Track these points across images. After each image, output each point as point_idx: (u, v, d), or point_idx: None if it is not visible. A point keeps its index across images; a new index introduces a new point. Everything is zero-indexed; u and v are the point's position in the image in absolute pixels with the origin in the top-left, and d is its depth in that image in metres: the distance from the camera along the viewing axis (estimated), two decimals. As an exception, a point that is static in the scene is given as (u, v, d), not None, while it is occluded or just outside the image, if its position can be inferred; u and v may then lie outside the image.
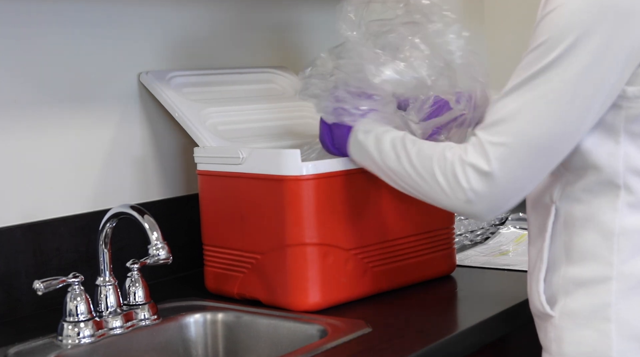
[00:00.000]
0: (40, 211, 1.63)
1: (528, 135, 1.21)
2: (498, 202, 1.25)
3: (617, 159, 1.23)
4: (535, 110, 1.20)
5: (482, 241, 2.06)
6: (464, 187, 1.25)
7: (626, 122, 1.22)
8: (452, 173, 1.26)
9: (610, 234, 1.25)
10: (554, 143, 1.21)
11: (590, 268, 1.26)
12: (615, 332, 1.25)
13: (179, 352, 1.53)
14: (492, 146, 1.23)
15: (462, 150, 1.26)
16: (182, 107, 1.71)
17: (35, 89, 1.63)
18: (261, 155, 1.53)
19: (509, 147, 1.21)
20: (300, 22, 2.16)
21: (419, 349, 1.31)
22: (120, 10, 1.76)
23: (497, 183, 1.23)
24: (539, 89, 1.19)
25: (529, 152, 1.21)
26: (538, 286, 1.31)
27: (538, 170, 1.24)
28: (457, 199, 1.27)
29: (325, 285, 1.51)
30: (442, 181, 1.28)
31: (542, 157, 1.22)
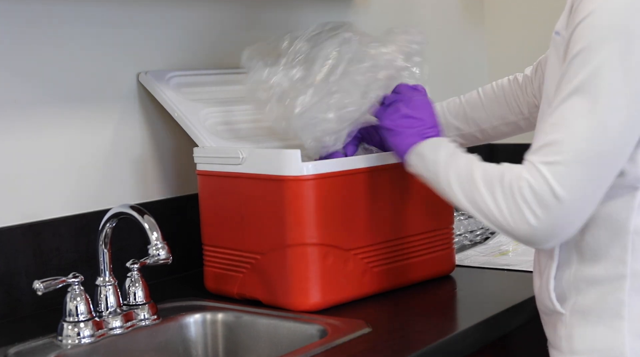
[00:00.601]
0: (40, 211, 1.63)
1: (583, 150, 1.17)
2: (562, 224, 1.20)
3: (633, 161, 1.22)
4: (586, 124, 1.16)
5: (481, 241, 2.06)
6: (524, 212, 1.20)
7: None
8: (513, 198, 1.21)
9: (625, 233, 1.25)
10: (609, 154, 1.18)
11: (604, 266, 1.26)
12: (628, 329, 1.25)
13: (179, 352, 1.53)
14: (548, 167, 1.18)
15: (519, 173, 1.21)
16: (182, 107, 1.71)
17: (35, 89, 1.63)
18: (261, 156, 1.53)
19: (567, 166, 1.17)
20: (300, 22, 2.16)
21: (419, 349, 1.31)
22: (120, 10, 1.76)
23: (562, 206, 1.18)
24: (586, 101, 1.16)
25: (587, 167, 1.17)
26: (548, 284, 1.31)
27: (598, 185, 1.20)
28: (515, 224, 1.21)
29: (325, 285, 1.51)
30: (503, 204, 1.22)
31: (600, 170, 1.18)
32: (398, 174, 1.59)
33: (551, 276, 1.31)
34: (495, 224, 1.25)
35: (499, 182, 1.24)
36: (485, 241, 2.05)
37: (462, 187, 1.30)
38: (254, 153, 1.54)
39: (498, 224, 1.24)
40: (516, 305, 1.52)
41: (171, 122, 1.81)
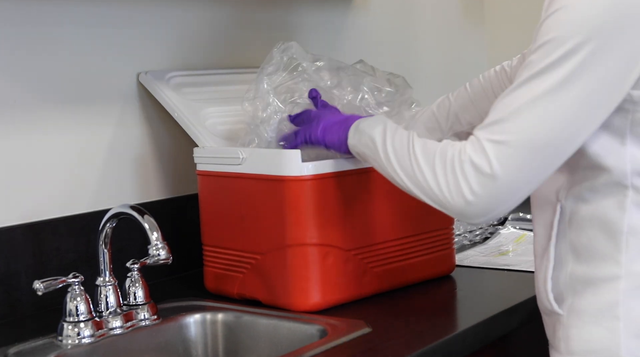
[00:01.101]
0: (40, 211, 1.63)
1: (529, 134, 1.18)
2: (495, 202, 1.22)
3: (624, 161, 1.23)
4: (537, 109, 1.18)
5: (481, 241, 2.06)
6: (462, 186, 1.23)
7: (632, 125, 1.22)
8: (452, 170, 1.24)
9: (619, 233, 1.25)
10: (555, 143, 1.19)
11: (598, 267, 1.26)
12: (624, 330, 1.25)
13: (179, 352, 1.53)
14: (492, 144, 1.20)
15: (461, 147, 1.24)
16: (182, 107, 1.71)
17: (35, 89, 1.63)
18: (262, 156, 1.53)
19: (510, 146, 1.19)
20: (300, 22, 2.16)
21: (418, 349, 1.31)
22: (120, 10, 1.76)
23: (497, 183, 1.20)
24: (542, 88, 1.17)
25: (529, 151, 1.19)
26: (546, 285, 1.31)
27: (538, 171, 1.22)
28: (451, 197, 1.24)
29: (325, 285, 1.51)
30: (440, 176, 1.25)
31: (543, 157, 1.20)
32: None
33: (548, 276, 1.31)
34: (431, 197, 1.27)
35: (440, 156, 1.25)
36: (485, 241, 2.05)
37: (400, 161, 1.32)
38: (254, 153, 1.54)
39: (434, 197, 1.26)
40: (516, 305, 1.52)
41: (171, 122, 1.81)
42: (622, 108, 1.21)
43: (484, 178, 1.21)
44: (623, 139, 1.23)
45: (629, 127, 1.22)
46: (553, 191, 1.31)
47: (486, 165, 1.20)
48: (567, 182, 1.29)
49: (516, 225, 2.13)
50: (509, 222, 2.15)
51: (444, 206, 1.27)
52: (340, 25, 2.29)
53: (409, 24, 2.55)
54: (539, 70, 1.18)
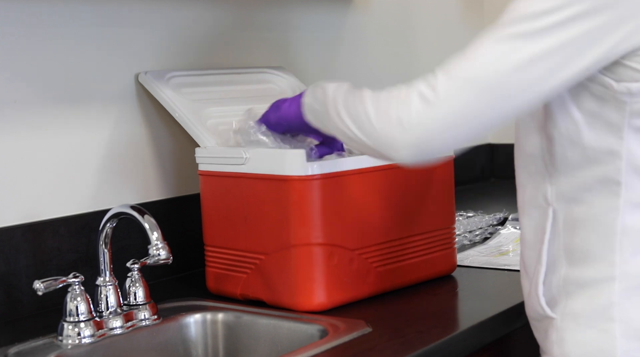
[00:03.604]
0: (40, 211, 1.63)
1: (482, 71, 1.17)
2: (430, 132, 1.20)
3: (620, 156, 1.22)
4: (498, 51, 1.17)
5: (481, 241, 2.06)
6: (400, 111, 1.21)
7: (630, 117, 1.21)
8: (397, 98, 1.23)
9: (613, 234, 1.24)
10: (506, 88, 1.17)
11: (593, 269, 1.26)
12: (620, 331, 1.24)
13: (179, 353, 1.53)
14: (444, 76, 1.19)
15: (416, 81, 1.23)
16: (182, 107, 1.71)
17: (34, 89, 1.63)
18: (265, 156, 1.52)
19: (460, 79, 1.18)
20: (299, 22, 2.16)
21: (419, 349, 1.31)
22: (119, 10, 1.76)
23: (435, 110, 1.19)
24: (509, 32, 1.16)
25: (478, 88, 1.17)
26: (537, 289, 1.31)
27: (482, 113, 1.19)
28: (390, 123, 1.23)
29: (330, 285, 1.51)
30: (384, 105, 1.24)
31: (490, 99, 1.18)
32: (402, 174, 1.60)
33: (540, 280, 1.30)
34: (367, 133, 1.26)
35: (388, 92, 1.26)
36: (485, 241, 2.05)
37: (348, 106, 1.31)
38: (258, 153, 1.54)
39: (371, 132, 1.26)
40: (517, 305, 1.52)
41: (171, 122, 1.81)
42: (619, 100, 1.20)
43: (424, 104, 1.19)
44: (620, 132, 1.22)
45: (627, 120, 1.21)
46: (540, 195, 1.30)
47: (430, 93, 1.19)
48: (552, 184, 1.28)
49: (516, 225, 2.12)
50: (509, 223, 2.15)
51: (379, 139, 1.25)
52: (340, 25, 2.29)
53: (409, 24, 2.55)
54: (516, 16, 1.17)
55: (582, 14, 1.15)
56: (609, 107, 1.21)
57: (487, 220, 2.17)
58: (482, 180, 2.88)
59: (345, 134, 1.33)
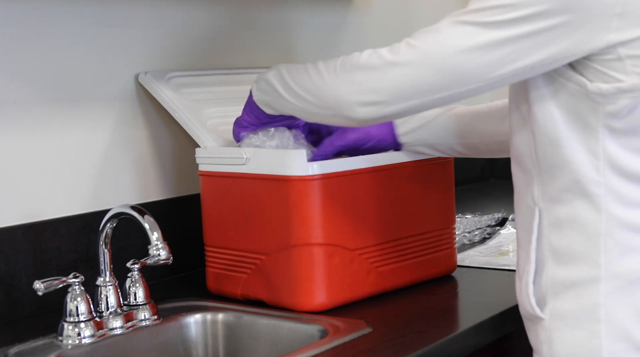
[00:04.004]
0: (40, 211, 1.63)
1: (440, 49, 1.23)
2: (379, 92, 1.27)
3: (597, 156, 1.23)
4: (459, 33, 1.22)
5: (480, 241, 2.06)
6: (355, 64, 1.28)
7: (605, 118, 1.22)
8: (356, 57, 1.29)
9: (596, 235, 1.24)
10: (456, 71, 1.22)
11: (578, 269, 1.26)
12: (606, 332, 1.24)
13: (179, 353, 1.53)
14: (406, 45, 1.26)
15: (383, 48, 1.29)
16: (182, 107, 1.70)
17: (35, 89, 1.63)
18: (266, 156, 1.52)
19: (420, 51, 1.24)
20: (299, 22, 2.16)
21: (419, 349, 1.31)
22: (119, 10, 1.76)
23: (389, 71, 1.26)
24: (473, 19, 1.21)
25: (432, 64, 1.23)
26: (528, 289, 1.31)
27: (427, 85, 1.25)
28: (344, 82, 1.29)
29: (331, 285, 1.51)
30: (340, 67, 1.31)
31: (440, 77, 1.23)
32: (402, 174, 1.60)
33: (530, 280, 1.31)
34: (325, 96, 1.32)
35: (345, 57, 1.32)
36: (485, 241, 2.05)
37: (299, 82, 1.38)
38: (258, 153, 1.54)
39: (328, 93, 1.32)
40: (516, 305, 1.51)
41: (170, 122, 1.81)
42: (593, 100, 1.21)
43: (382, 62, 1.27)
44: (596, 133, 1.22)
45: (602, 120, 1.22)
46: (529, 195, 1.31)
47: (389, 55, 1.26)
48: (538, 184, 1.29)
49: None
50: (509, 223, 2.15)
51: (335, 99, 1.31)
52: (340, 25, 2.29)
53: (409, 24, 2.55)
54: (481, 6, 1.22)
55: (539, 14, 1.18)
56: (585, 107, 1.22)
57: (485, 220, 2.17)
58: (482, 180, 2.88)
59: (301, 109, 1.38)
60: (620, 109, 1.21)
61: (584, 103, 1.22)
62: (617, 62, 1.19)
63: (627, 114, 1.21)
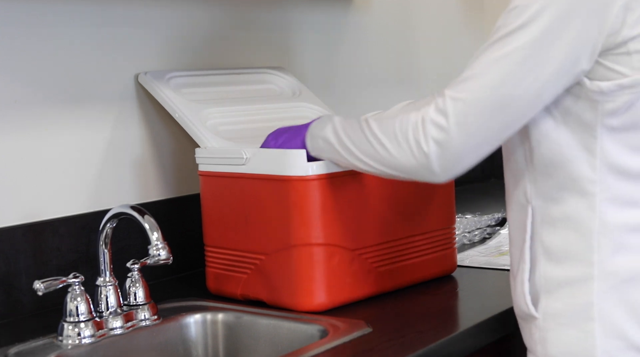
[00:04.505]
0: (40, 211, 1.63)
1: (486, 92, 1.21)
2: (452, 158, 1.24)
3: (594, 154, 1.23)
4: (496, 70, 1.21)
5: (480, 241, 2.06)
6: (421, 142, 1.25)
7: (603, 116, 1.22)
8: (413, 130, 1.26)
9: (590, 233, 1.25)
10: (510, 103, 1.21)
11: (571, 268, 1.26)
12: (599, 331, 1.24)
13: (179, 353, 1.53)
14: (453, 101, 1.23)
15: (426, 107, 1.26)
16: (182, 107, 1.70)
17: (35, 89, 1.63)
18: (266, 156, 1.52)
19: (467, 103, 1.22)
20: (299, 22, 2.16)
21: (419, 349, 1.31)
22: (119, 10, 1.76)
23: (452, 137, 1.22)
24: (503, 51, 1.20)
25: (484, 109, 1.21)
26: (523, 287, 1.31)
27: (492, 130, 1.23)
28: (414, 157, 1.27)
29: (330, 285, 1.51)
30: (402, 140, 1.28)
31: (497, 116, 1.22)
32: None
33: (525, 278, 1.31)
34: (397, 167, 1.30)
35: (400, 125, 1.29)
36: (485, 241, 2.05)
37: (361, 147, 1.36)
38: (258, 153, 1.54)
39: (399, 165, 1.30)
40: (516, 305, 1.52)
41: (170, 122, 1.81)
42: (592, 99, 1.22)
43: (442, 133, 1.23)
44: (593, 131, 1.23)
45: (600, 119, 1.22)
46: (521, 193, 1.31)
47: (444, 121, 1.23)
48: (531, 181, 1.29)
49: (516, 225, 2.12)
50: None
51: (408, 171, 1.29)
52: (340, 25, 2.29)
53: (409, 24, 2.55)
54: (505, 33, 1.21)
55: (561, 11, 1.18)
56: (583, 106, 1.23)
57: (485, 220, 2.17)
58: (482, 180, 2.87)
59: (368, 171, 1.38)
60: (619, 106, 1.21)
61: (582, 101, 1.22)
62: (625, 56, 1.20)
63: (625, 111, 1.22)
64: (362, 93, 2.36)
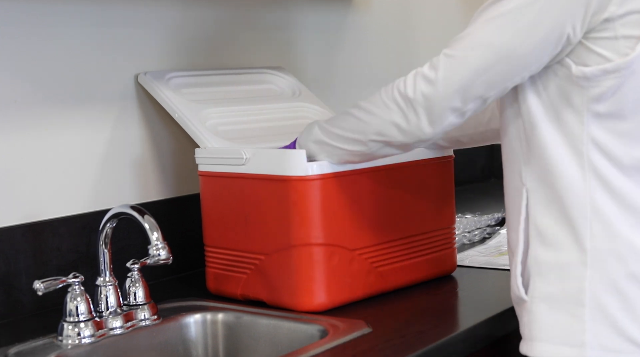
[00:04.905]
0: (40, 211, 1.63)
1: (475, 50, 1.26)
2: (437, 110, 1.28)
3: (581, 139, 1.24)
4: (488, 29, 1.25)
5: (480, 240, 2.06)
6: (408, 93, 1.29)
7: (589, 102, 1.23)
8: (400, 88, 1.31)
9: (583, 219, 1.25)
10: (496, 63, 1.24)
11: (564, 252, 1.27)
12: (589, 316, 1.25)
13: (179, 353, 1.53)
14: (445, 57, 1.28)
15: (417, 69, 1.32)
16: (182, 107, 1.70)
17: (35, 89, 1.63)
18: (266, 156, 1.53)
19: (457, 59, 1.26)
20: (299, 22, 2.16)
21: (419, 349, 1.31)
22: (119, 10, 1.76)
23: (438, 90, 1.27)
24: (497, 11, 1.25)
25: (470, 65, 1.25)
26: (516, 270, 1.32)
27: (477, 87, 1.26)
28: (401, 111, 1.30)
29: (330, 285, 1.51)
30: (388, 100, 1.32)
31: (483, 74, 1.25)
32: (402, 174, 1.60)
33: (518, 261, 1.31)
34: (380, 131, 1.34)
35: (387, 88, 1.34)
36: (485, 241, 2.05)
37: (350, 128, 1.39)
38: (258, 153, 1.54)
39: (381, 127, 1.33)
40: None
41: (170, 122, 1.81)
42: (578, 85, 1.23)
43: (429, 86, 1.28)
44: (581, 117, 1.24)
45: (587, 105, 1.23)
46: (517, 175, 1.32)
47: (434, 75, 1.28)
48: (525, 164, 1.30)
49: (516, 225, 2.12)
50: (509, 223, 2.15)
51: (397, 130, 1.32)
52: (340, 25, 2.29)
53: (409, 24, 2.56)
54: None
55: None
56: (571, 90, 1.24)
57: (485, 220, 2.17)
58: (482, 180, 2.87)
59: (362, 152, 1.40)
60: (604, 91, 1.22)
61: (569, 86, 1.24)
62: (612, 40, 1.21)
63: (611, 96, 1.23)
64: (362, 93, 2.36)
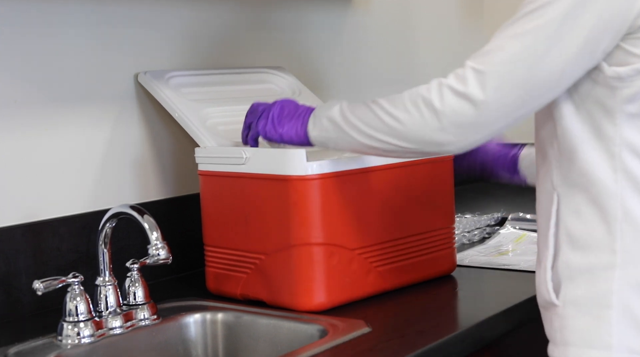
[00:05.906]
0: (40, 211, 1.63)
1: (506, 67, 1.22)
2: (469, 126, 1.24)
3: (614, 141, 1.24)
4: (519, 45, 1.21)
5: (480, 240, 2.06)
6: (434, 103, 1.26)
7: (622, 103, 1.23)
8: (425, 96, 1.27)
9: (614, 221, 1.25)
10: (529, 81, 1.22)
11: (594, 255, 1.26)
12: (616, 319, 1.25)
13: (179, 352, 1.53)
14: (474, 72, 1.23)
15: (440, 78, 1.28)
16: (182, 107, 1.71)
17: (35, 89, 1.63)
18: (265, 155, 1.53)
19: (487, 76, 1.22)
20: (299, 22, 2.16)
21: (419, 349, 1.31)
22: (119, 10, 1.76)
23: (472, 105, 1.23)
24: (527, 26, 1.21)
25: (504, 82, 1.22)
26: (546, 274, 1.31)
27: (509, 106, 1.23)
28: (424, 120, 1.27)
29: (330, 285, 1.51)
30: (411, 107, 1.28)
31: (515, 92, 1.22)
32: (401, 174, 1.60)
33: (548, 266, 1.31)
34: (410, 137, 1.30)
35: (410, 94, 1.30)
36: (485, 240, 2.05)
37: (368, 122, 1.34)
38: (258, 153, 1.54)
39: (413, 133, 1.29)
40: (516, 305, 1.52)
41: (170, 122, 1.81)
42: (610, 85, 1.22)
43: (458, 96, 1.24)
44: (613, 118, 1.23)
45: (619, 106, 1.23)
46: (548, 180, 1.32)
47: (463, 88, 1.23)
48: (558, 168, 1.30)
49: (516, 225, 2.13)
50: (509, 222, 2.15)
51: (417, 137, 1.29)
52: (340, 25, 2.29)
53: (409, 24, 2.55)
54: (530, 9, 1.21)
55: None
56: (603, 92, 1.23)
57: (485, 220, 2.17)
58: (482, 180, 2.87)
59: (373, 147, 1.36)
60: (637, 91, 1.22)
61: (602, 87, 1.23)
62: None
63: None
64: (362, 93, 2.36)
